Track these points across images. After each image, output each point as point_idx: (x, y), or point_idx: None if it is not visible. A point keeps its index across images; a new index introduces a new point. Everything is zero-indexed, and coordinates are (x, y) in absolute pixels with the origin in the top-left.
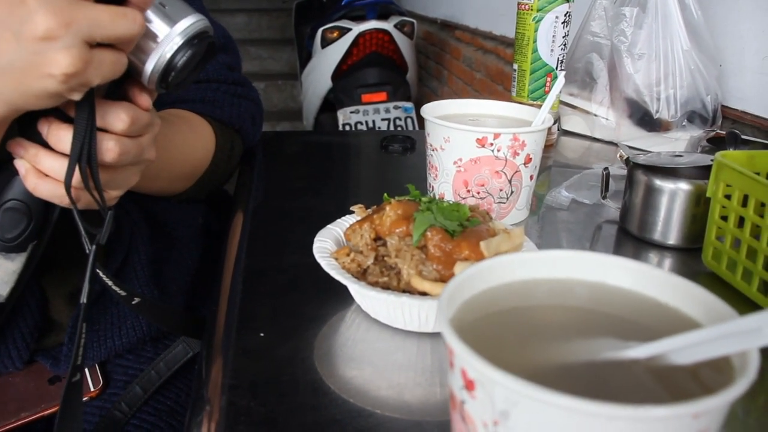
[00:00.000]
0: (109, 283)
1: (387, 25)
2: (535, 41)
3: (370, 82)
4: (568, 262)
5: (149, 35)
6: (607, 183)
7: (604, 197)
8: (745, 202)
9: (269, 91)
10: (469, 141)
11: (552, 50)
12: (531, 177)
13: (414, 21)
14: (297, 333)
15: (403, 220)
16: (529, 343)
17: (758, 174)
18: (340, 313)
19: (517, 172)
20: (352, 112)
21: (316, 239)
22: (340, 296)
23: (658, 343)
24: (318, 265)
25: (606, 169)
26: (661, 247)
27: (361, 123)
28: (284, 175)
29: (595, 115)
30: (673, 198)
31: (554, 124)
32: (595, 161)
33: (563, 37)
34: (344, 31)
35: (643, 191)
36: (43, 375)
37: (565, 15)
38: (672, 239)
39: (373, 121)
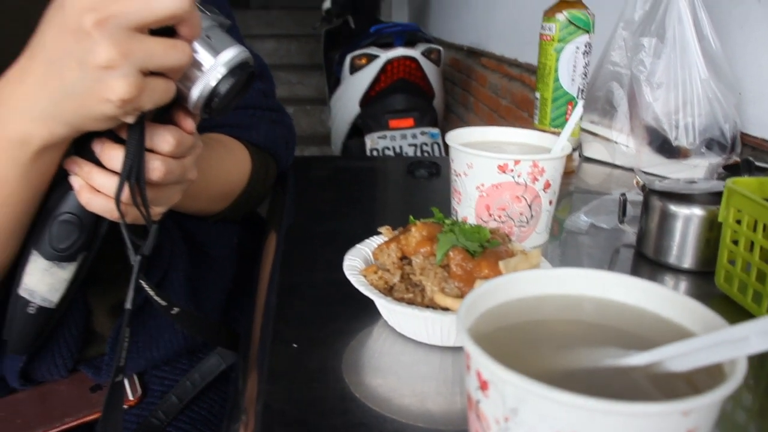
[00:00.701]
0: (151, 292)
1: (414, 53)
2: (556, 71)
3: (397, 108)
4: (576, 279)
5: (195, 64)
6: (625, 208)
7: (621, 222)
8: (755, 227)
9: (298, 115)
10: (491, 167)
11: (573, 79)
12: (550, 202)
13: (440, 48)
14: (327, 345)
15: (427, 240)
16: (538, 352)
17: None
18: (368, 327)
19: (536, 197)
20: (379, 138)
21: (345, 257)
22: (368, 312)
23: (655, 351)
24: (347, 283)
25: (623, 194)
26: (677, 271)
27: (389, 148)
28: (314, 198)
29: (616, 143)
30: (687, 223)
31: (575, 150)
32: (616, 187)
33: (584, 66)
34: (372, 58)
35: (659, 216)
36: (86, 383)
37: (586, 45)
38: (687, 263)
39: (400, 147)
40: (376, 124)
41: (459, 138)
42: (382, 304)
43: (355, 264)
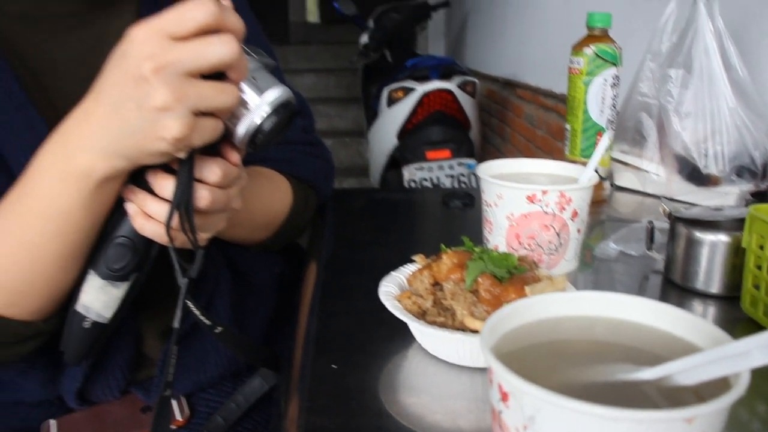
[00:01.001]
0: (197, 312)
1: (450, 85)
2: (585, 103)
3: (434, 139)
4: (592, 301)
5: (242, 103)
6: (652, 236)
7: (649, 249)
8: None
9: (336, 148)
10: (520, 197)
11: (602, 111)
12: (578, 230)
13: (476, 80)
14: (364, 366)
15: (458, 267)
16: (556, 368)
17: None
18: (402, 350)
19: (564, 225)
20: (417, 169)
21: (381, 284)
22: (402, 335)
23: (665, 366)
24: (383, 308)
25: (650, 222)
26: (704, 296)
27: (426, 179)
28: (352, 229)
29: (647, 171)
30: (713, 249)
31: (606, 180)
32: (647, 215)
33: (612, 98)
34: (409, 91)
35: (685, 243)
36: (137, 404)
37: (614, 78)
38: (714, 288)
39: (438, 178)
40: (414, 156)
41: (489, 170)
42: (416, 327)
43: (391, 290)
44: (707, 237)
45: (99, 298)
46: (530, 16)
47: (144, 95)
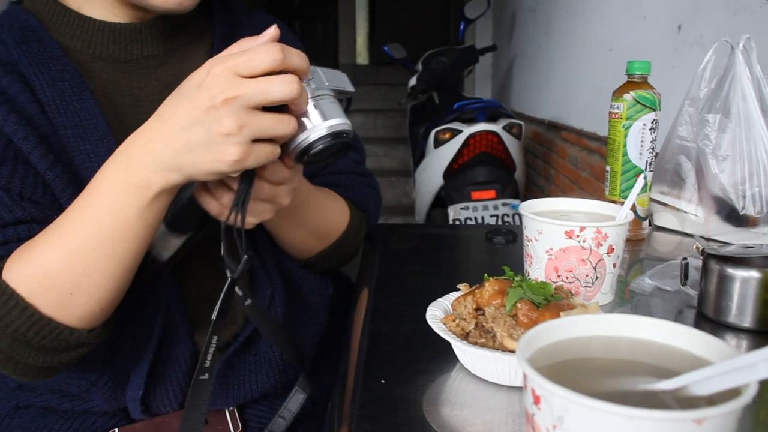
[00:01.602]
0: (241, 294)
1: (496, 127)
2: (624, 146)
3: (479, 180)
4: (617, 323)
5: (305, 121)
6: (686, 272)
7: (683, 284)
8: None
9: (383, 186)
10: (559, 233)
11: (641, 153)
12: (614, 265)
13: (522, 123)
14: (410, 382)
15: (498, 294)
16: (583, 379)
17: None
18: (446, 369)
19: (600, 260)
20: (462, 209)
21: (428, 308)
22: (446, 356)
23: (681, 378)
24: (429, 332)
25: (684, 259)
26: (737, 330)
27: (471, 219)
28: (400, 260)
29: (685, 212)
30: (744, 285)
31: (645, 220)
32: (684, 254)
33: (651, 141)
34: (456, 132)
35: (717, 279)
36: None
37: (652, 122)
38: (747, 322)
39: (482, 217)
40: (459, 196)
41: (531, 208)
42: (459, 346)
43: (436, 314)
44: (739, 273)
45: (158, 242)
46: (575, 62)
47: (212, 121)
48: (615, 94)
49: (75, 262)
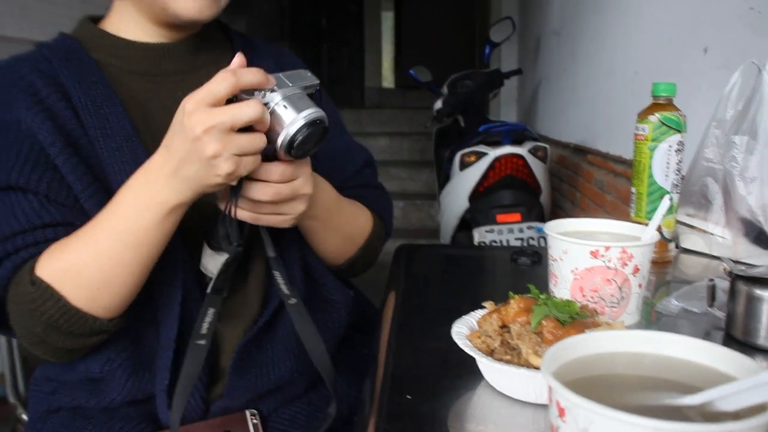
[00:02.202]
0: (281, 281)
1: (521, 150)
2: (650, 167)
3: (504, 203)
4: (641, 339)
5: (280, 122)
6: (714, 293)
7: (711, 306)
8: None
9: (408, 209)
10: (584, 253)
11: (666, 175)
12: (639, 285)
13: (547, 146)
14: (436, 398)
15: (524, 311)
16: (608, 394)
17: None
18: (471, 385)
19: (626, 280)
20: (487, 231)
21: (454, 325)
22: (471, 373)
23: (706, 393)
24: (454, 349)
25: (711, 280)
26: (765, 351)
27: (496, 242)
28: (425, 279)
29: (712, 234)
30: None
31: (671, 242)
32: (711, 276)
33: (677, 163)
34: (481, 155)
35: (745, 300)
36: (220, 427)
37: (678, 144)
38: None
39: (507, 240)
40: (484, 219)
41: (556, 228)
42: (484, 362)
43: (462, 331)
44: (766, 294)
45: (210, 262)
46: (600, 85)
47: (201, 149)
48: (640, 116)
49: (104, 262)
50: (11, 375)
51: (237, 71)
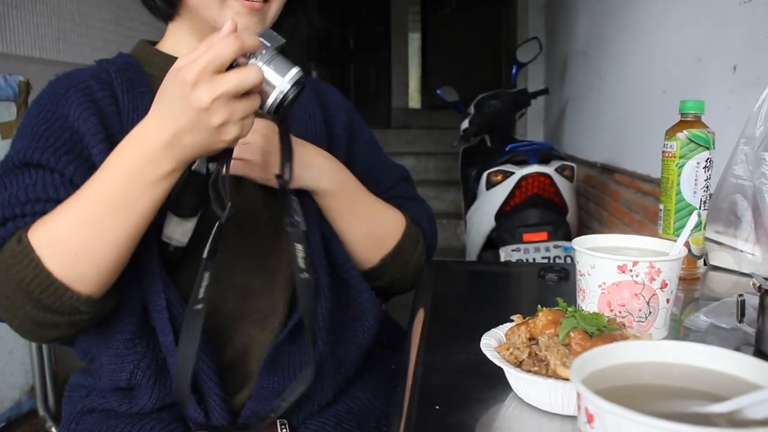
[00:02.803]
0: (300, 257)
1: (548, 169)
2: (678, 184)
3: (531, 222)
4: (669, 349)
5: (268, 83)
6: (743, 309)
7: (740, 321)
8: None
9: None
10: (612, 267)
11: (695, 192)
12: (667, 300)
13: (574, 165)
14: (464, 409)
15: (552, 323)
16: (636, 403)
17: None
18: (499, 398)
19: (654, 295)
20: (513, 250)
21: (483, 337)
22: (500, 385)
23: (734, 401)
24: (483, 362)
25: (741, 295)
26: None
27: (522, 260)
28: (454, 295)
29: (742, 251)
30: None
31: (700, 258)
32: (742, 292)
33: (705, 180)
34: (508, 174)
35: None
36: None
37: (706, 161)
38: None
39: (534, 259)
40: (511, 238)
41: (584, 243)
42: (512, 373)
43: (491, 343)
44: None
45: (176, 230)
46: (627, 104)
47: (208, 118)
48: (668, 133)
49: (85, 226)
50: (41, 388)
51: (240, 35)
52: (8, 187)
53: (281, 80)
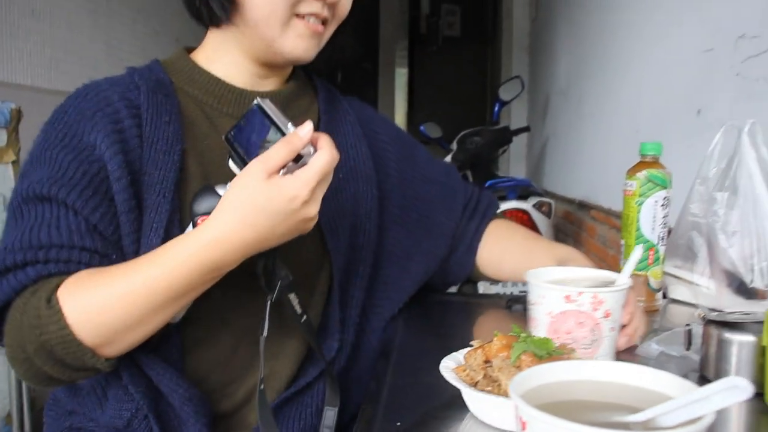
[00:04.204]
0: (295, 302)
1: (526, 205)
2: (638, 221)
3: None
4: (601, 368)
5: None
6: (690, 337)
7: (687, 349)
8: None
9: None
10: (559, 297)
11: (653, 228)
12: (611, 329)
13: (551, 201)
14: (425, 426)
15: (505, 347)
16: (565, 414)
17: None
18: (457, 415)
19: (597, 324)
20: (491, 284)
21: (443, 360)
22: (458, 405)
23: (649, 411)
24: (445, 385)
25: (688, 325)
26: None
27: (499, 294)
28: (427, 323)
29: (698, 285)
30: (740, 349)
31: (658, 291)
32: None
33: (663, 217)
34: None
35: (716, 343)
36: None
37: (664, 199)
38: None
39: (511, 292)
40: None
41: (538, 275)
42: (467, 392)
43: (450, 365)
44: (735, 338)
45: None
46: (604, 143)
47: (306, 218)
48: (629, 173)
49: (132, 307)
50: (18, 414)
51: (327, 139)
52: (26, 219)
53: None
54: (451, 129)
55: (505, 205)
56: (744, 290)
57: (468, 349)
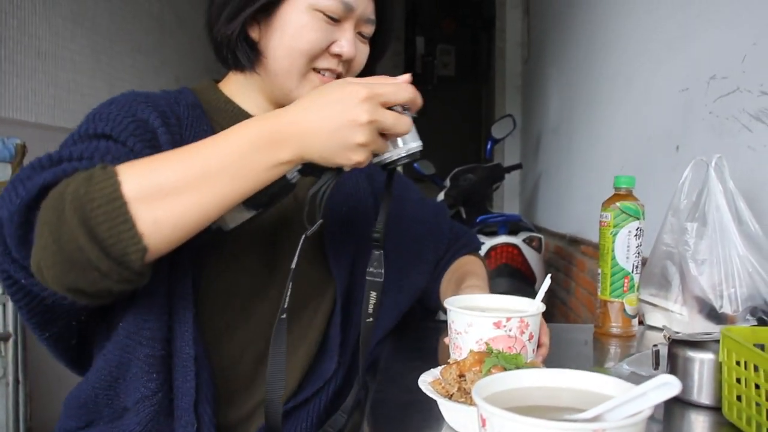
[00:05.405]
0: (371, 302)
1: (516, 240)
2: (613, 251)
3: (499, 291)
4: (555, 376)
5: (396, 141)
6: (657, 357)
7: (655, 369)
8: (746, 366)
9: None
10: (488, 325)
11: (627, 257)
12: (533, 351)
13: (541, 236)
14: None
15: (478, 362)
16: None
17: (762, 345)
18: (436, 427)
19: (524, 347)
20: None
21: (421, 375)
22: (435, 418)
23: (595, 408)
24: (425, 400)
25: (656, 346)
26: (698, 406)
27: None
28: (411, 346)
29: (672, 311)
30: (702, 366)
31: (634, 318)
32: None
33: (636, 247)
34: None
35: (681, 361)
36: None
37: (637, 230)
38: (705, 399)
39: None
40: None
41: (455, 303)
42: (442, 403)
43: (427, 379)
44: (697, 355)
45: (231, 213)
46: (591, 178)
47: (351, 135)
48: (604, 205)
49: (183, 171)
50: None
51: (416, 91)
52: (79, 146)
53: (405, 146)
54: (448, 165)
55: (495, 240)
56: (715, 315)
57: (444, 366)
